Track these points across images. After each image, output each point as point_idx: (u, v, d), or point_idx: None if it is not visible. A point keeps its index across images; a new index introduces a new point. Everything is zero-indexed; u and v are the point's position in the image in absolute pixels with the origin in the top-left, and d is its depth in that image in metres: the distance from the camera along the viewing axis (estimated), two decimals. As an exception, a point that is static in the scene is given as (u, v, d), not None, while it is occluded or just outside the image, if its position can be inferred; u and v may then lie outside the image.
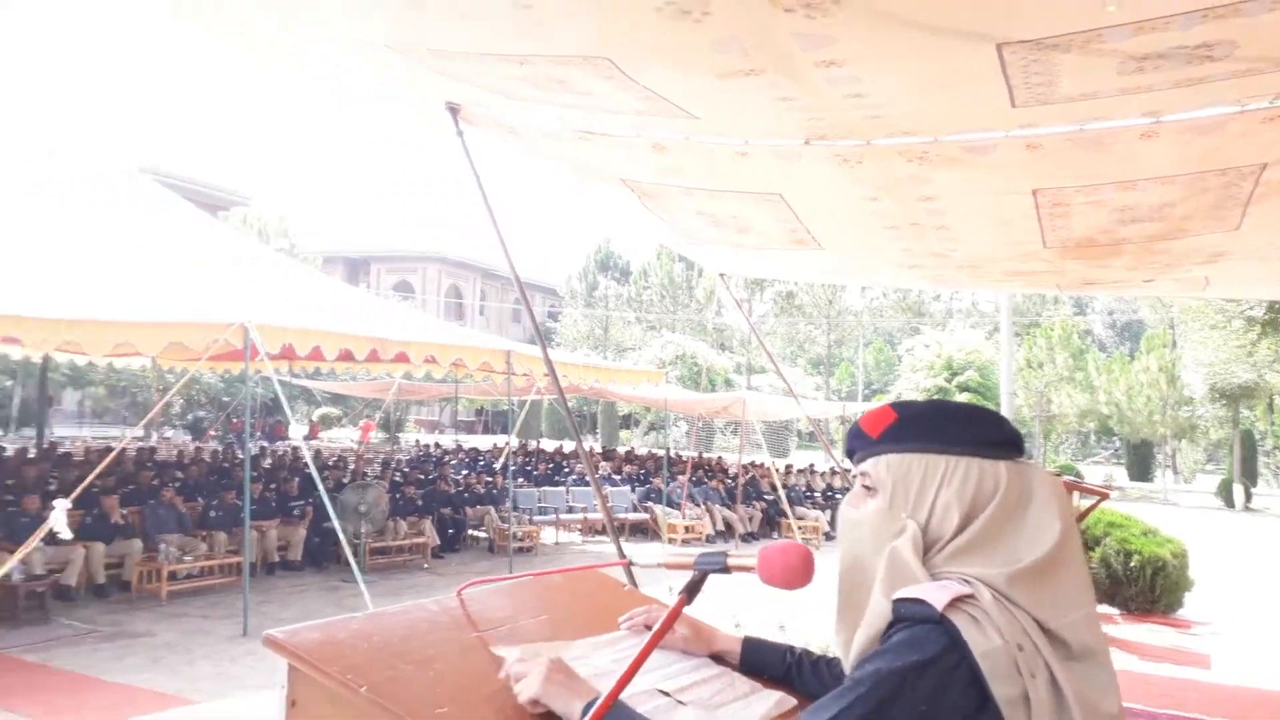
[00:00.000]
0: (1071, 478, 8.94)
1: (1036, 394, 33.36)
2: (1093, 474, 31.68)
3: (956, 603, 1.11)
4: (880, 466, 1.27)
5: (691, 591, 1.20)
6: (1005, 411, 23.20)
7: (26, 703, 5.79)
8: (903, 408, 1.30)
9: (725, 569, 1.22)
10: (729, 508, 16.17)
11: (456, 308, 57.74)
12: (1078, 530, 1.22)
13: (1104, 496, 8.73)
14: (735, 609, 7.15)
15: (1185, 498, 31.07)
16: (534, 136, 4.17)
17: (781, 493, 15.73)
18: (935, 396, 31.21)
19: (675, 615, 1.17)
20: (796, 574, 1.15)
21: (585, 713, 1.22)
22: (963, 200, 4.15)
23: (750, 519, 16.25)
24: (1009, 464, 1.23)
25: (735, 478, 17.37)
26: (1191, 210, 3.96)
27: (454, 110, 4.16)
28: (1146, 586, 8.57)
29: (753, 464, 19.46)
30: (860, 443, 1.30)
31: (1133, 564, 8.54)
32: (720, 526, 15.73)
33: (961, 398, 31.47)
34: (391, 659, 1.44)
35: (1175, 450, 37.25)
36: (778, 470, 16.97)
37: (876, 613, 1.17)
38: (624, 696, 1.22)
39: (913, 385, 32.15)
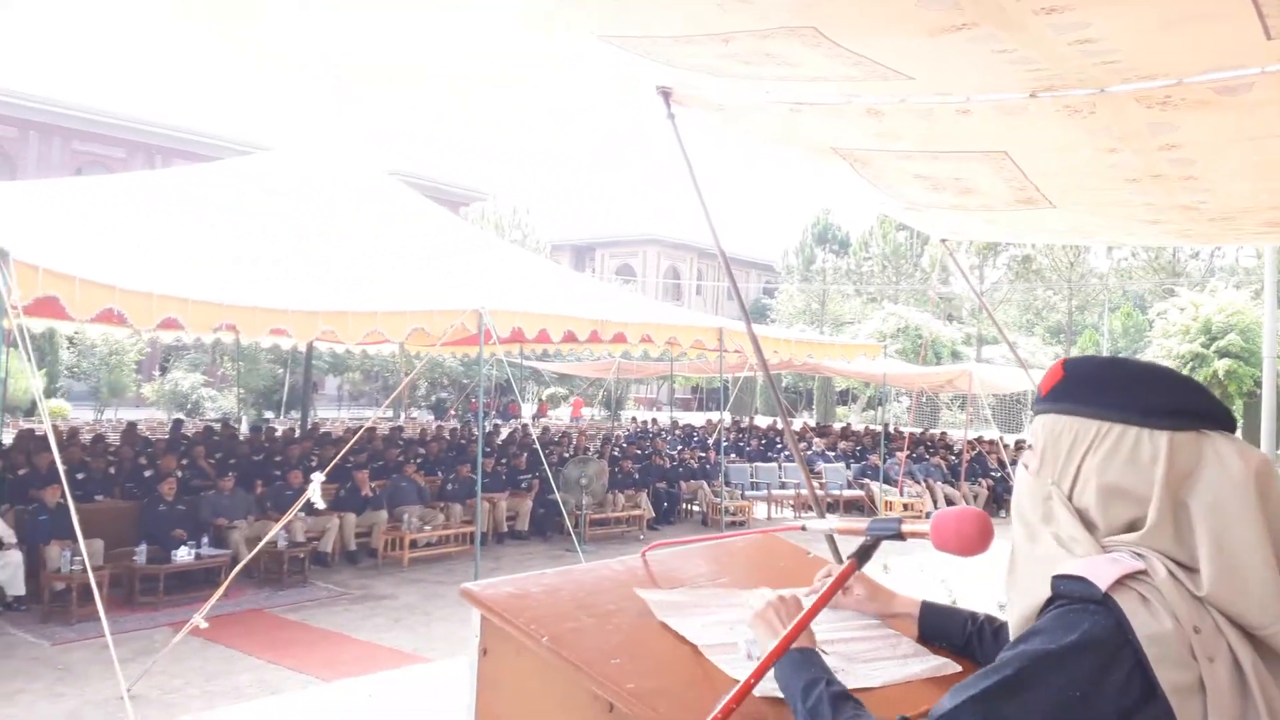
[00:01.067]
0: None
1: (1313, 358, 29.67)
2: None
3: (1125, 579, 1.01)
4: (1038, 426, 1.18)
5: (863, 556, 1.20)
6: (1269, 377, 20.89)
7: (286, 655, 6.53)
8: (1073, 364, 1.19)
9: (899, 535, 1.20)
10: (952, 485, 15.55)
11: (674, 288, 58.73)
12: (1277, 523, 1.03)
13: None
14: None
15: None
16: (744, 111, 4.17)
17: (1010, 469, 14.93)
18: (1189, 363, 28.49)
19: (846, 575, 1.17)
20: (971, 541, 1.11)
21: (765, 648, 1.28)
22: (1213, 147, 3.77)
23: (975, 496, 15.55)
24: (1182, 435, 1.07)
25: (959, 454, 16.67)
26: None
27: (665, 94, 4.24)
28: None
29: (979, 439, 18.58)
30: (1036, 402, 1.22)
31: None
32: (942, 504, 15.15)
33: (1220, 364, 28.49)
34: (574, 612, 1.51)
35: None
36: (1007, 446, 16.12)
37: (1031, 587, 1.09)
38: None
39: (1165, 351, 29.41)
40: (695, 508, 13.95)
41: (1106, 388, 1.14)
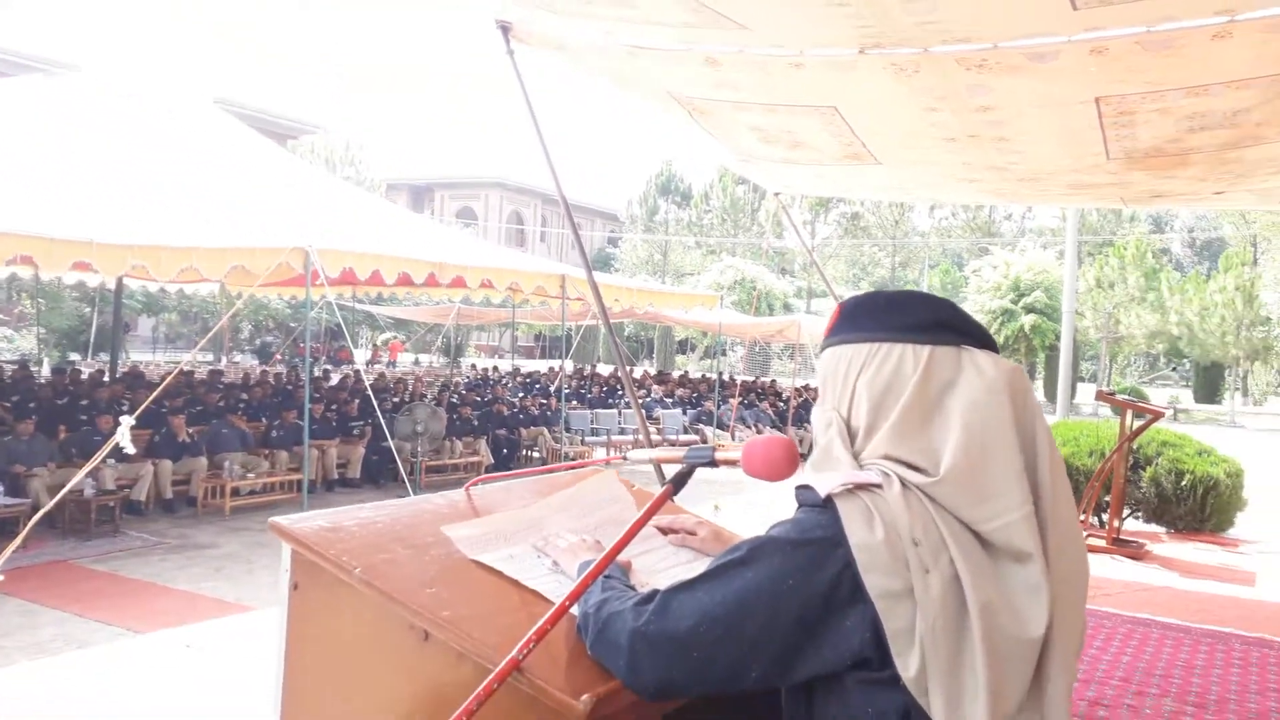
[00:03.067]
0: (1128, 398, 8.73)
1: (1105, 314, 32.50)
2: (1158, 396, 30.88)
3: (856, 490, 1.10)
4: (821, 361, 1.28)
5: (678, 483, 1.26)
6: (1067, 332, 22.70)
7: (95, 608, 6.15)
8: (847, 302, 1.28)
9: (713, 462, 1.25)
10: (779, 429, 16.23)
11: (518, 234, 57.94)
12: (1028, 427, 1.14)
13: (1157, 416, 8.50)
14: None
15: (1254, 420, 30.26)
16: (584, 52, 4.12)
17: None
18: (999, 318, 30.61)
19: (663, 500, 1.22)
20: (780, 465, 1.18)
21: (579, 571, 1.39)
22: (1023, 110, 4.02)
23: (800, 440, 16.30)
24: (943, 349, 1.17)
25: (788, 400, 17.39)
26: (1268, 116, 3.79)
27: (505, 28, 4.14)
28: (1196, 505, 8.41)
29: (806, 387, 19.43)
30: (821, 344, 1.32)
31: (1184, 483, 8.40)
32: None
33: (1026, 319, 30.79)
34: (390, 544, 1.50)
35: (1247, 372, 36.17)
36: (834, 393, 16.91)
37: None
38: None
39: (978, 307, 31.46)
40: (536, 454, 13.97)
41: (874, 313, 1.23)
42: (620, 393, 18.78)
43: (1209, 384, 39.32)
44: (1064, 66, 3.45)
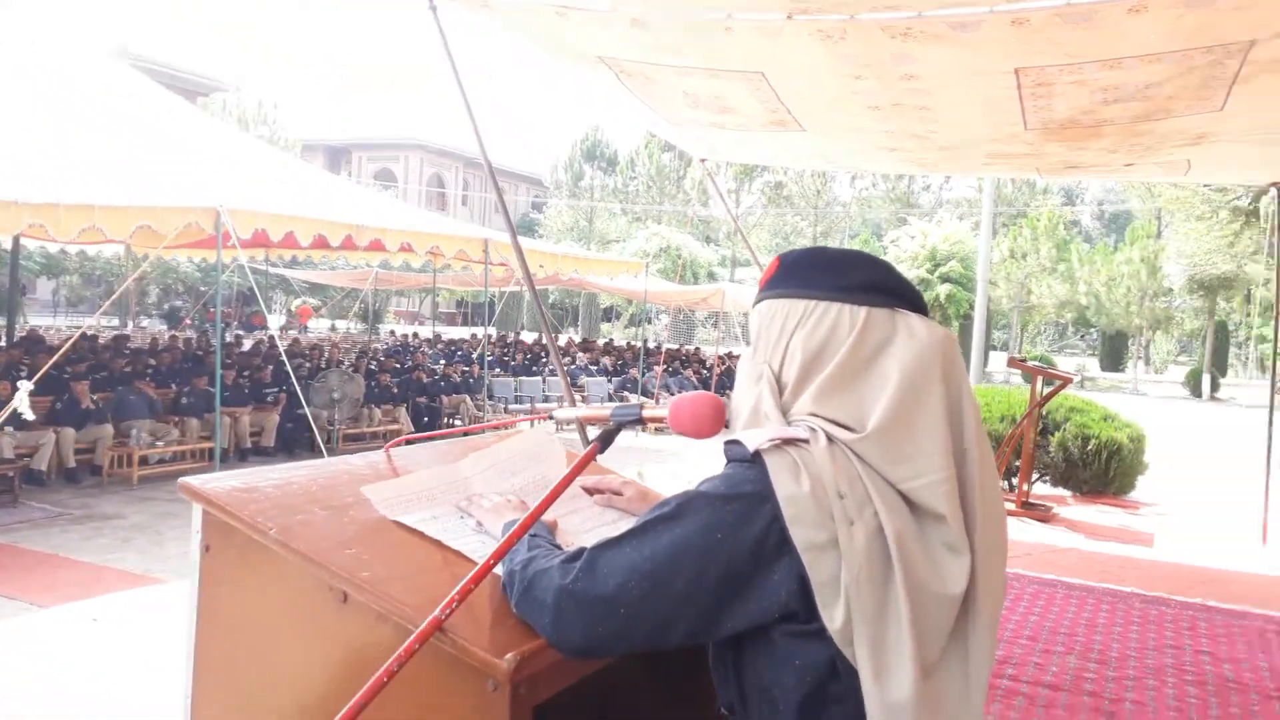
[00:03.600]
0: (1038, 364, 9.02)
1: (1017, 284, 33.52)
2: (1066, 364, 32.00)
3: (784, 445, 1.11)
4: (754, 314, 1.28)
5: (605, 441, 1.24)
6: (981, 301, 23.31)
7: (-7, 580, 5.90)
8: (787, 256, 1.28)
9: (639, 420, 1.25)
10: (707, 396, 16.39)
11: (439, 197, 56.90)
12: (955, 393, 1.15)
13: (1066, 382, 8.81)
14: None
15: (1155, 388, 31.67)
16: (509, 11, 4.03)
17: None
18: (917, 287, 31.26)
19: (589, 458, 1.21)
20: (706, 421, 1.18)
21: (504, 531, 1.37)
22: (945, 80, 4.07)
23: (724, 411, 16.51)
24: (879, 311, 1.18)
25: (711, 368, 17.55)
26: (1176, 90, 3.91)
27: (427, -18, 4.02)
28: (1101, 469, 8.78)
29: (729, 355, 19.62)
30: (756, 296, 1.31)
31: (1089, 448, 8.75)
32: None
33: (942, 288, 31.57)
34: (306, 505, 1.46)
35: (1149, 341, 37.78)
36: (756, 360, 17.13)
37: (722, 457, 1.20)
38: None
39: (895, 277, 32.15)
40: (458, 422, 13.81)
41: (814, 270, 1.23)
42: (544, 360, 18.68)
43: (1114, 352, 41.00)
44: (986, 37, 3.50)
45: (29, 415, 5.66)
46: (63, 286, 33.80)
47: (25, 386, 5.47)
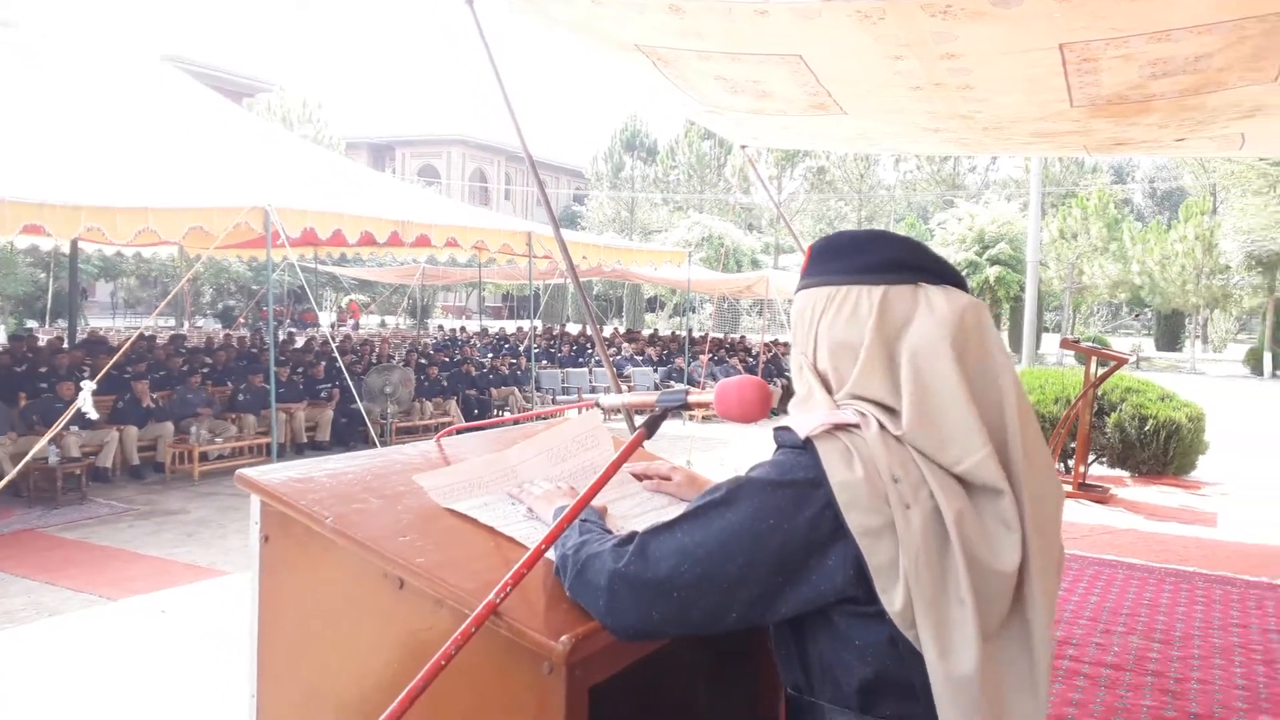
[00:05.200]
0: (1092, 344, 8.87)
1: (1068, 265, 32.86)
2: (1121, 345, 31.39)
3: (835, 430, 1.11)
4: (793, 305, 1.28)
5: (651, 427, 1.25)
6: (1032, 282, 22.86)
7: (65, 576, 6.08)
8: (816, 245, 1.28)
9: (685, 405, 1.25)
10: (752, 384, 16.33)
11: (481, 192, 57.28)
12: (976, 365, 1.13)
13: (1122, 362, 8.66)
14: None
15: (1214, 367, 30.91)
16: (545, 2, 4.05)
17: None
18: (965, 270, 30.80)
19: (637, 444, 1.22)
20: (753, 407, 1.18)
21: (555, 516, 1.37)
22: (988, 58, 4.01)
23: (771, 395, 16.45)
24: (898, 288, 1.17)
25: (757, 356, 17.48)
26: (1228, 61, 3.81)
27: (465, -22, 4.05)
28: (1159, 449, 8.62)
29: (775, 342, 19.53)
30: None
31: (1147, 428, 8.58)
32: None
33: (991, 271, 31.06)
34: (361, 494, 1.48)
35: (1206, 320, 36.82)
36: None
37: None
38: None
39: (943, 260, 31.69)
40: (506, 413, 13.95)
41: (833, 255, 1.24)
42: (590, 351, 18.74)
43: (1170, 332, 40.03)
44: (1028, 13, 3.44)
45: (93, 414, 5.83)
46: (120, 288, 34.65)
47: (88, 386, 5.64)
